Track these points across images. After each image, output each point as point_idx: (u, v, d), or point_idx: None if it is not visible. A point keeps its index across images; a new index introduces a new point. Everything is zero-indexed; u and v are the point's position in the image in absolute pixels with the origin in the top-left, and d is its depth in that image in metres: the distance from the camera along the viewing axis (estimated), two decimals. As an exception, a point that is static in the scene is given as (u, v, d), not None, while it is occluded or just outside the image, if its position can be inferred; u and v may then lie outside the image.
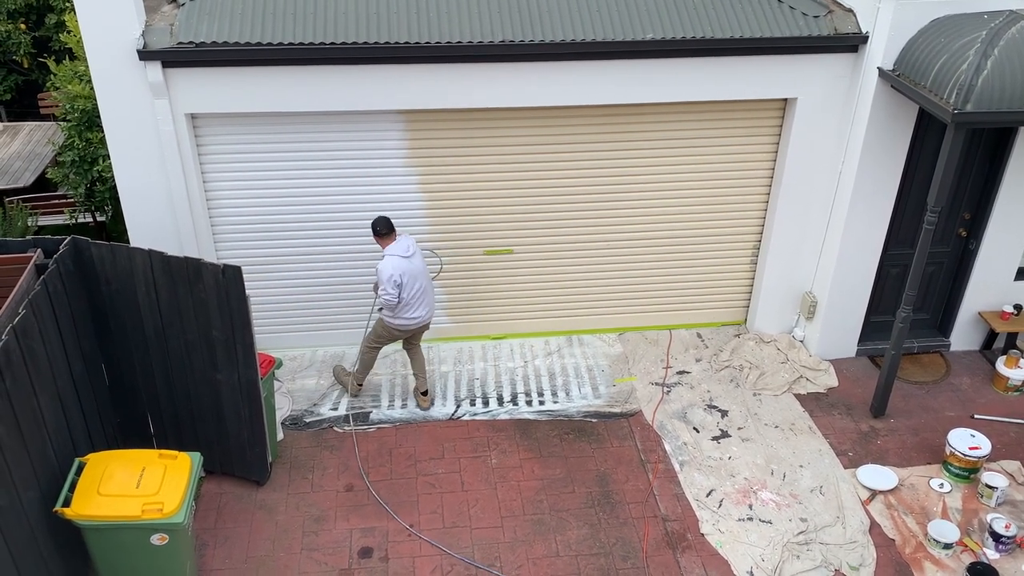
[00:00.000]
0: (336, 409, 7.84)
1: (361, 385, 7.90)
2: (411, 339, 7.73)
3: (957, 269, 8.46)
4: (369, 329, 7.71)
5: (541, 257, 8.47)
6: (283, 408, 7.79)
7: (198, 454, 6.12)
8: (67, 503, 5.61)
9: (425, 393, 7.86)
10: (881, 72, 7.12)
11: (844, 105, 7.65)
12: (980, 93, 6.26)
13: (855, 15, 7.38)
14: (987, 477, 6.94)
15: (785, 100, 7.84)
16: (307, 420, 7.73)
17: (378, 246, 7.30)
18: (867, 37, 7.25)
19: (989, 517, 6.65)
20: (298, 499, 6.95)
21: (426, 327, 7.65)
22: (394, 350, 8.53)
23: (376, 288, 7.34)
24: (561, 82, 7.31)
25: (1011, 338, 8.49)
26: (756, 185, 8.30)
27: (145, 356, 6.61)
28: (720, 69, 7.41)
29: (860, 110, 7.44)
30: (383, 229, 7.18)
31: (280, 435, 7.44)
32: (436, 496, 6.99)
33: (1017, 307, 8.36)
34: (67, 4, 13.28)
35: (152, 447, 6.99)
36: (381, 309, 7.43)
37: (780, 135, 8.05)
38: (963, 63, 6.36)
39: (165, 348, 6.53)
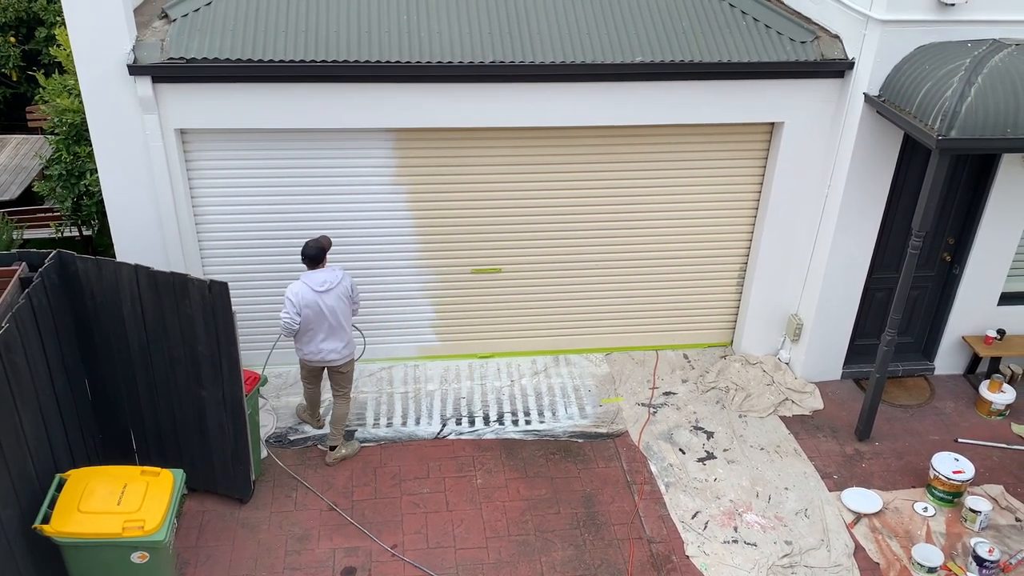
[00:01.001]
0: (320, 427, 7.79)
1: (319, 419, 7.77)
2: (333, 384, 7.33)
3: (941, 293, 8.52)
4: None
5: (529, 276, 8.48)
6: (267, 425, 7.74)
7: (181, 471, 6.07)
8: (46, 520, 5.54)
9: (333, 448, 7.37)
10: (867, 98, 7.20)
11: (830, 129, 7.73)
12: (964, 120, 6.34)
13: (841, 41, 7.47)
14: (971, 501, 6.96)
15: (772, 124, 7.92)
16: (291, 438, 7.68)
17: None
18: (853, 63, 7.34)
19: (973, 541, 6.67)
20: (281, 517, 6.89)
21: (338, 371, 7.19)
22: (379, 368, 8.51)
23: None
24: (550, 103, 7.36)
25: (994, 363, 8.55)
26: (743, 207, 8.36)
27: (129, 371, 6.56)
28: (708, 93, 7.48)
29: (846, 135, 7.51)
30: (308, 259, 6.87)
31: (264, 453, 7.39)
32: (420, 516, 6.95)
33: (1000, 332, 8.42)
34: (58, 18, 13.27)
35: (135, 463, 6.93)
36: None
37: (767, 158, 8.12)
38: (947, 90, 6.45)
39: (150, 363, 6.49)
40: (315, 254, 6.91)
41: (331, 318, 6.93)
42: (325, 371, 7.39)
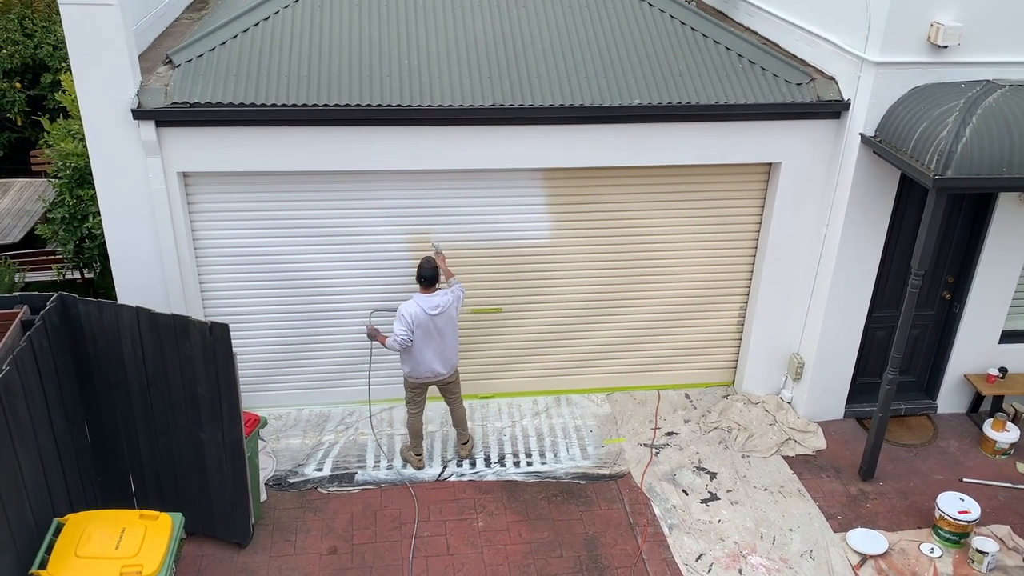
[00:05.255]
0: (320, 470, 7.74)
1: (420, 455, 7.81)
2: (445, 395, 7.73)
3: (942, 332, 8.52)
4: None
5: (530, 316, 8.48)
6: (267, 468, 7.68)
7: (180, 514, 6.02)
8: (43, 565, 5.48)
9: (465, 443, 7.93)
10: (863, 138, 7.28)
11: (827, 169, 7.79)
12: (960, 159, 6.40)
13: (837, 83, 7.57)
14: (977, 542, 6.89)
15: (770, 164, 7.98)
16: (291, 480, 7.63)
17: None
18: (849, 104, 7.43)
19: (981, 583, 6.59)
20: (280, 562, 6.81)
21: (448, 381, 7.57)
22: (380, 409, 8.48)
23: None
24: (549, 145, 7.43)
25: (997, 401, 8.51)
26: (742, 247, 8.39)
27: (129, 413, 6.54)
28: (705, 134, 7.55)
29: (843, 174, 7.57)
30: (426, 280, 7.12)
31: (263, 496, 7.32)
32: (421, 559, 6.87)
33: (1002, 370, 8.40)
34: (63, 64, 13.46)
35: (133, 506, 6.86)
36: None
37: (765, 198, 8.17)
38: (943, 130, 6.51)
39: (149, 405, 6.47)
40: (431, 275, 7.14)
41: (441, 338, 7.26)
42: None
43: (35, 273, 11.82)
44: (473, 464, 7.89)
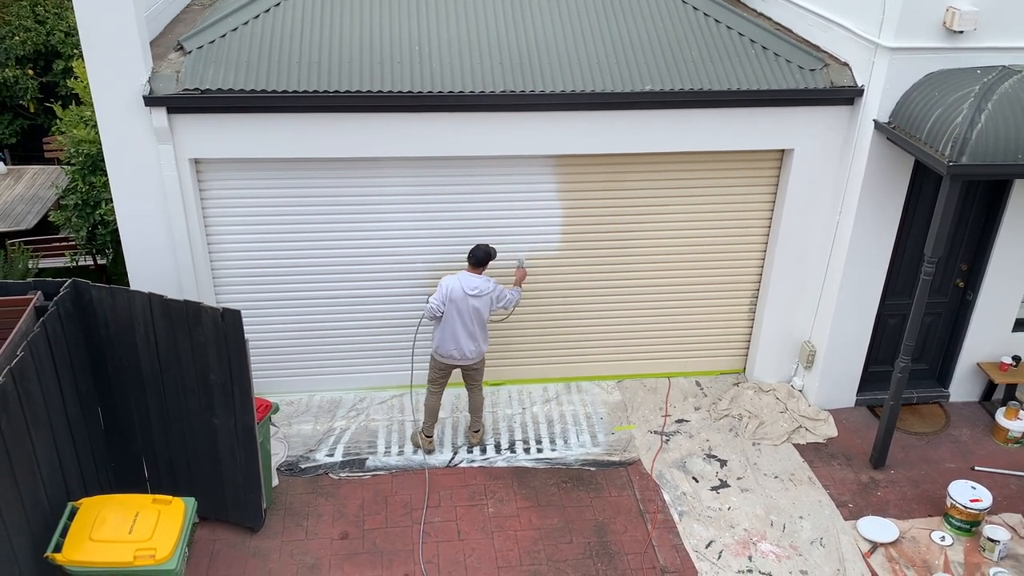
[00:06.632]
0: (332, 455, 7.79)
1: (431, 437, 7.82)
2: (466, 380, 7.77)
3: (955, 320, 8.47)
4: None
5: (540, 303, 8.48)
6: (279, 453, 7.73)
7: (192, 499, 6.06)
8: (58, 548, 5.54)
9: (477, 431, 7.93)
10: (877, 124, 7.22)
11: (841, 156, 7.74)
12: (975, 146, 6.35)
13: (851, 69, 7.50)
14: (989, 530, 6.87)
15: (782, 151, 7.94)
16: (302, 466, 7.67)
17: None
18: (862, 90, 7.37)
19: (992, 572, 6.57)
20: (292, 546, 6.86)
21: (471, 368, 7.61)
22: (391, 395, 8.51)
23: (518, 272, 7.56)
24: (560, 132, 7.41)
25: (1010, 389, 8.47)
26: (754, 234, 8.36)
27: (142, 399, 6.59)
28: (717, 120, 7.51)
29: (856, 161, 7.52)
30: (475, 259, 7.23)
31: (275, 481, 7.37)
32: (432, 545, 6.91)
33: (1016, 358, 8.36)
34: (75, 51, 13.50)
35: (147, 491, 6.92)
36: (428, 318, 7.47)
37: (777, 185, 8.13)
38: (957, 116, 6.46)
39: (162, 391, 6.51)
40: (482, 257, 7.25)
41: (471, 321, 7.30)
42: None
43: (48, 259, 11.91)
44: (483, 450, 7.91)
